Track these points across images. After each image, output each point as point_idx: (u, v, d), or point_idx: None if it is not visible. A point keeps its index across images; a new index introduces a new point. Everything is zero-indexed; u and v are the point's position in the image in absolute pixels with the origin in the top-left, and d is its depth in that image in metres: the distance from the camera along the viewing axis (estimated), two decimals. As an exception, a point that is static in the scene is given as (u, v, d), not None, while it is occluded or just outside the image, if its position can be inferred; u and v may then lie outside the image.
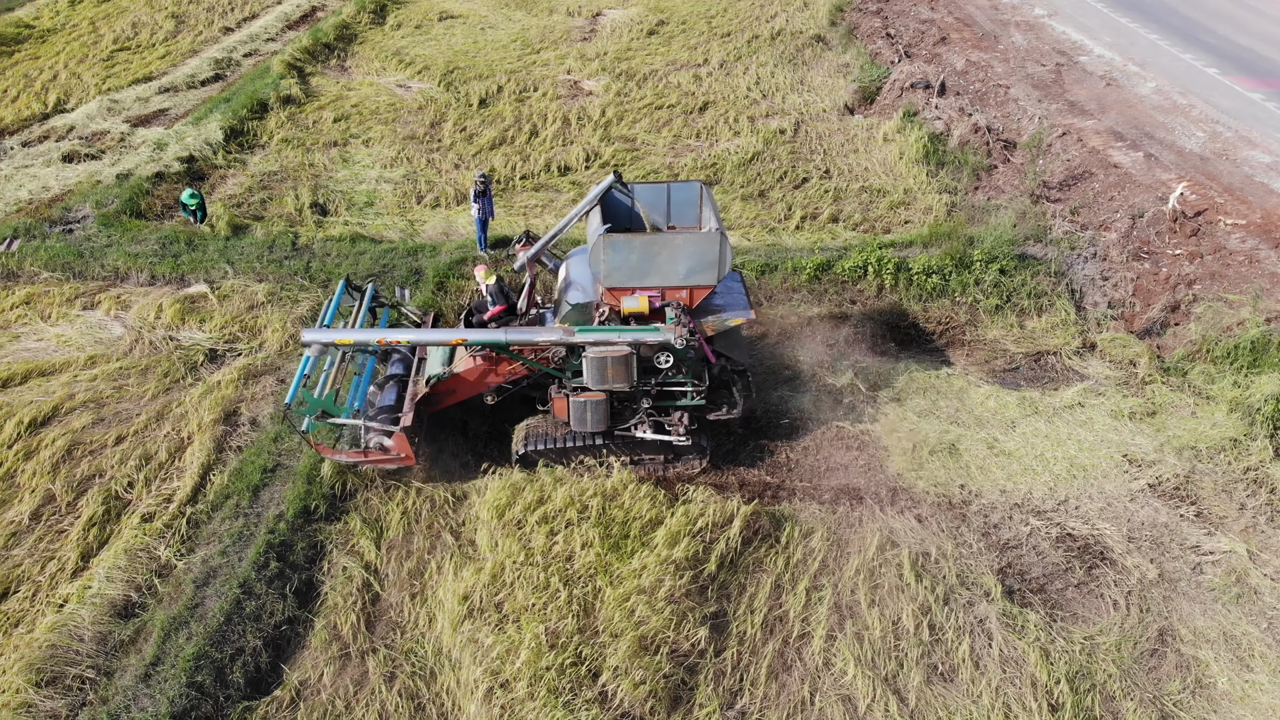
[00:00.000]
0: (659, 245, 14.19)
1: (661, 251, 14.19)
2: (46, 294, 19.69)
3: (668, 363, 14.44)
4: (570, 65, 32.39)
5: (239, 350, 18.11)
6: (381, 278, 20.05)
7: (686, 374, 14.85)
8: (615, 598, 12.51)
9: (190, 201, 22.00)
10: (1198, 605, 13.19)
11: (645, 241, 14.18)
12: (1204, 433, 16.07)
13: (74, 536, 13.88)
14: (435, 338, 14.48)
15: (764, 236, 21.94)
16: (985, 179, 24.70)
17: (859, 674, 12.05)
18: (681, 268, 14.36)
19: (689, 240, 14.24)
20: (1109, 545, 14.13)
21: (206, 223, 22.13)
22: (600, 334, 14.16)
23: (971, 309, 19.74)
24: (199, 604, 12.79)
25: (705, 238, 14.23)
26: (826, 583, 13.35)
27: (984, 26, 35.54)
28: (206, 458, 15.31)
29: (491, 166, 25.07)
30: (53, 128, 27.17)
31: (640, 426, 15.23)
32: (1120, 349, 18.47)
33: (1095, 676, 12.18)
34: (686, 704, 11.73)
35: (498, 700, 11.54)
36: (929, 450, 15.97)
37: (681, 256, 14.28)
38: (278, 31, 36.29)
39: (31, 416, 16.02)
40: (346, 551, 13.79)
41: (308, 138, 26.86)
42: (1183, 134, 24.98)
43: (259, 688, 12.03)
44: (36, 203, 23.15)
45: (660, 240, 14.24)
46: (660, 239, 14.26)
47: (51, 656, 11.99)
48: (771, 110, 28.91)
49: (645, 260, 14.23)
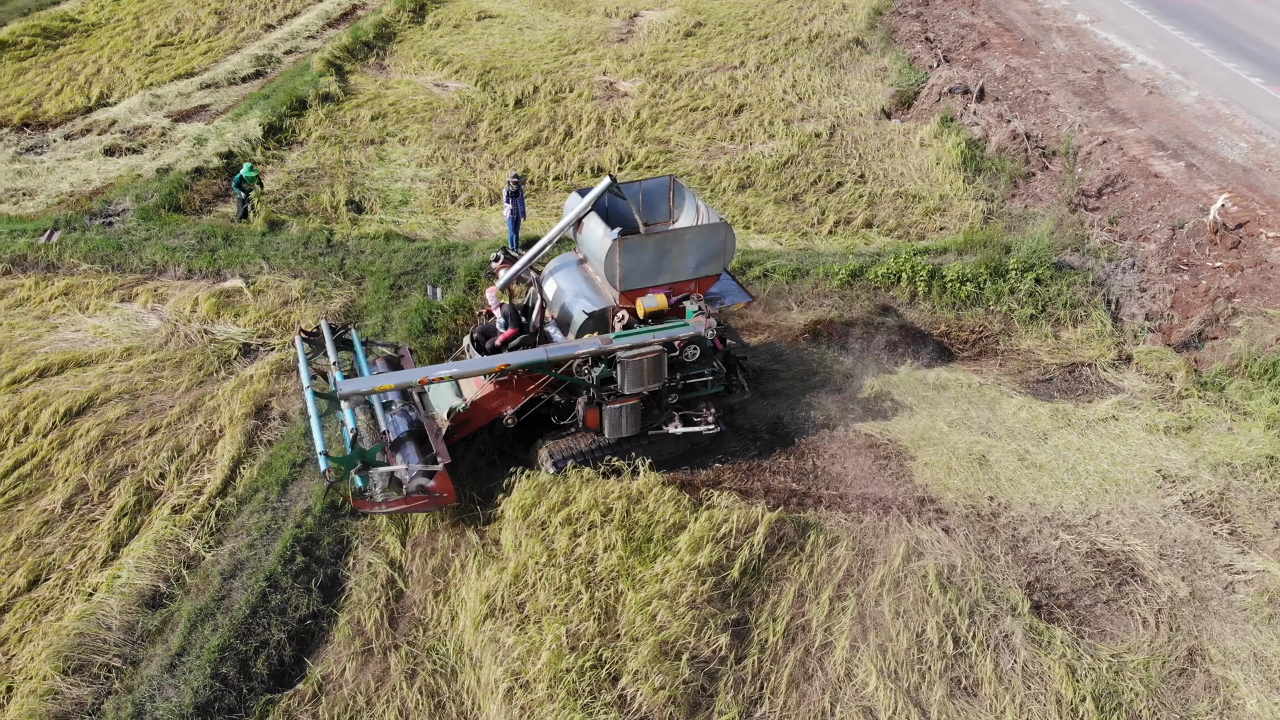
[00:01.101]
0: (670, 241, 14.39)
1: (674, 247, 14.39)
2: (85, 286, 19.98)
3: (695, 356, 14.60)
4: (606, 66, 32.43)
5: (272, 345, 18.28)
6: (414, 275, 20.18)
7: (704, 364, 15.00)
8: (637, 601, 12.49)
9: (249, 175, 22.23)
10: (1229, 625, 12.96)
11: (658, 240, 14.35)
12: (1240, 449, 15.81)
13: (105, 526, 14.07)
14: (477, 367, 13.96)
15: (796, 241, 21.84)
16: (1023, 186, 24.44)
17: (881, 686, 11.95)
18: (692, 261, 14.61)
19: (698, 233, 14.58)
20: (1140, 562, 13.92)
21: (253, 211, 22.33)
22: (636, 337, 14.21)
23: (1006, 318, 19.55)
24: (225, 596, 12.93)
25: (713, 228, 14.54)
26: (850, 592, 13.25)
27: (1025, 32, 35.18)
28: (237, 451, 15.46)
29: (525, 167, 25.15)
30: (95, 121, 27.59)
31: (672, 423, 15.28)
32: (1157, 362, 18.21)
33: (1122, 695, 12.00)
34: (706, 710, 11.70)
35: (518, 701, 11.56)
36: (958, 460, 15.82)
37: (691, 250, 14.51)
38: (318, 29, 36.61)
39: (67, 406, 16.26)
40: (372, 548, 13.87)
41: (345, 135, 27.08)
42: (1225, 144, 24.59)
43: (282, 680, 12.13)
44: (77, 195, 23.51)
45: (672, 236, 14.48)
46: (672, 235, 14.52)
47: (79, 644, 12.15)
48: (807, 113, 28.78)
49: (659, 258, 14.41)
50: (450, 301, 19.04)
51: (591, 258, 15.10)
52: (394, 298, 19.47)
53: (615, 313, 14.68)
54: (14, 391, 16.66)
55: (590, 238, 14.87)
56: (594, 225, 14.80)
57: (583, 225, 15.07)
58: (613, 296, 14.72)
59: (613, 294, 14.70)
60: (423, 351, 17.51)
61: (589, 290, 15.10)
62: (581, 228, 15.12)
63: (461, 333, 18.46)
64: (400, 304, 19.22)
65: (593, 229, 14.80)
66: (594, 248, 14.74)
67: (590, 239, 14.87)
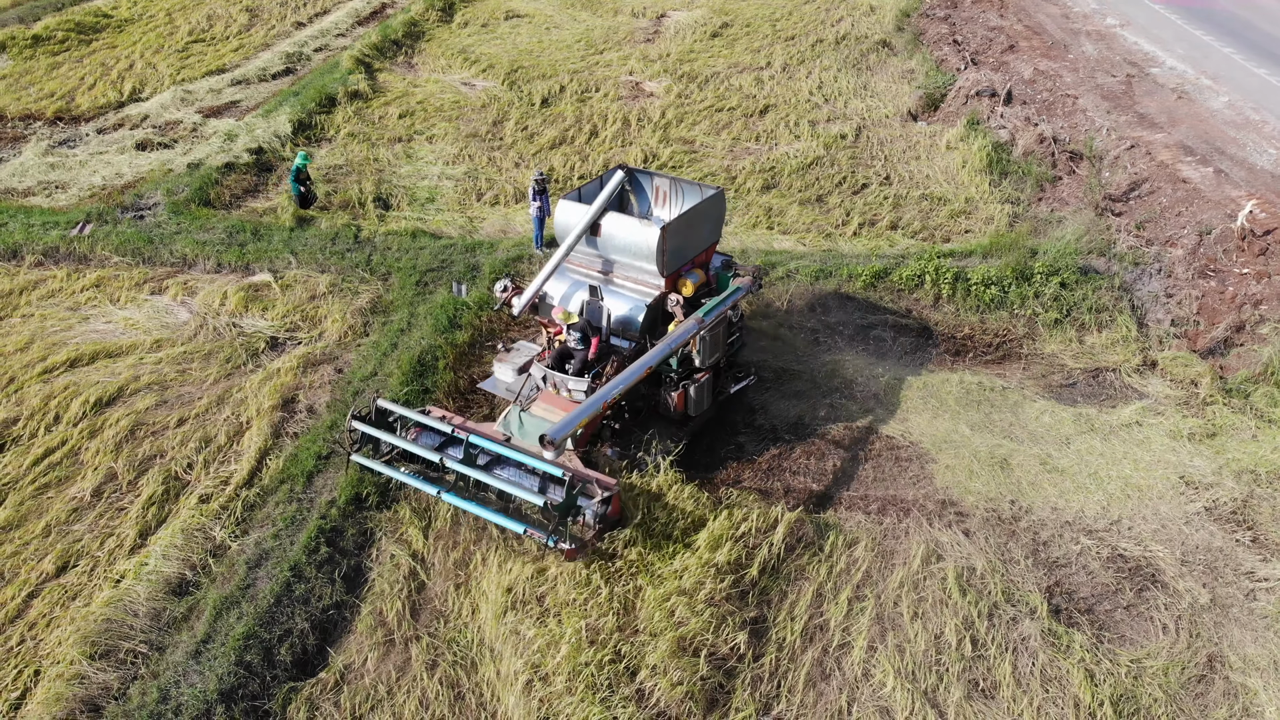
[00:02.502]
0: (691, 218, 15.33)
1: (694, 222, 15.35)
2: (116, 278, 20.28)
3: (739, 316, 15.60)
4: (633, 66, 32.53)
5: (299, 339, 18.49)
6: (440, 272, 20.35)
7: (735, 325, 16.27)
8: (656, 597, 12.57)
9: (303, 163, 22.56)
10: (1249, 632, 12.90)
11: (685, 220, 15.20)
12: (1264, 457, 15.72)
13: (133, 514, 14.29)
14: (640, 365, 13.86)
15: (820, 242, 21.86)
16: (1049, 190, 24.35)
17: (898, 686, 11.97)
18: (704, 231, 15.72)
19: (710, 204, 15.65)
20: (1161, 568, 13.87)
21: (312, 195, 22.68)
22: (716, 307, 15.02)
23: (1030, 322, 19.49)
24: (251, 585, 13.11)
25: (716, 198, 15.78)
26: (869, 593, 13.28)
27: (1054, 35, 35.01)
28: (264, 442, 15.66)
29: (551, 166, 25.29)
30: (127, 116, 27.97)
31: (731, 385, 16.45)
32: (1182, 368, 18.11)
33: (1140, 700, 11.97)
34: (723, 707, 11.76)
35: (537, 693, 11.67)
36: (980, 464, 15.81)
37: (702, 220, 15.59)
38: (348, 27, 36.92)
39: (97, 396, 16.52)
40: (395, 540, 14.01)
41: (373, 133, 27.31)
42: (1254, 150, 24.41)
43: (305, 669, 12.29)
44: (109, 189, 23.85)
45: (692, 213, 15.37)
46: (691, 212, 15.28)
47: (106, 630, 12.34)
48: (833, 115, 28.78)
49: (688, 237, 15.27)
50: (475, 298, 19.18)
51: (618, 252, 15.23)
52: (420, 294, 19.64)
53: (667, 297, 15.13)
54: (45, 381, 16.95)
55: (619, 234, 14.99)
56: (619, 222, 15.04)
57: (600, 228, 15.12)
58: (656, 285, 15.09)
59: (656, 282, 15.09)
60: (447, 347, 17.65)
61: (628, 286, 15.43)
62: (599, 230, 15.15)
63: (486, 330, 18.62)
64: (426, 300, 19.39)
65: (619, 226, 15.03)
66: (625, 241, 14.93)
67: (619, 235, 14.99)
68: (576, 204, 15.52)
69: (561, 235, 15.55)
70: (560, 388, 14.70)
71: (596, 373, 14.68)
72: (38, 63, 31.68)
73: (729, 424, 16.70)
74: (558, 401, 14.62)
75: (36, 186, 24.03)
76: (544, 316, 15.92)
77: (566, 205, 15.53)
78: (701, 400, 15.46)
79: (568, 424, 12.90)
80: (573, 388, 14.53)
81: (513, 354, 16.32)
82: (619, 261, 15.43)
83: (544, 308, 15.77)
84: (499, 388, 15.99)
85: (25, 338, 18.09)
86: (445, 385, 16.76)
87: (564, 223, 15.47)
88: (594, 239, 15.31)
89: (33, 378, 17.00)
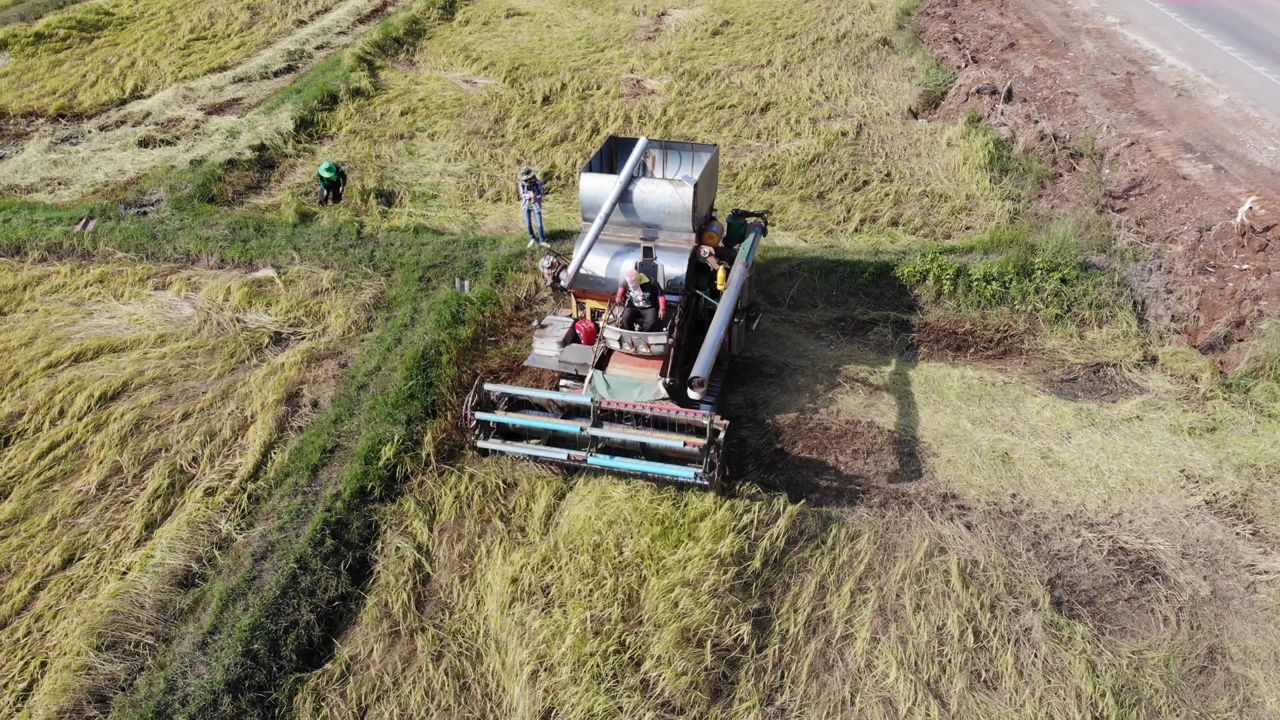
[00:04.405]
0: (707, 174, 16.76)
1: (708, 179, 16.84)
2: (120, 273, 20.33)
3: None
4: (634, 64, 32.58)
5: (303, 334, 18.55)
6: (443, 268, 20.41)
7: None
8: (660, 588, 12.65)
9: (327, 174, 22.67)
10: (1250, 624, 12.98)
11: (704, 177, 16.54)
12: (1264, 451, 15.80)
13: (139, 507, 14.36)
14: (729, 305, 15.42)
15: (821, 238, 21.92)
16: (1050, 187, 24.42)
17: (901, 677, 12.05)
18: (712, 186, 17.48)
19: (709, 158, 17.07)
20: (1162, 560, 13.95)
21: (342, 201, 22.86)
22: (751, 250, 16.71)
23: (1031, 318, 19.55)
24: (256, 577, 13.17)
25: (715, 155, 17.29)
26: (872, 585, 13.36)
27: (1054, 33, 35.09)
28: (268, 436, 15.72)
29: (553, 163, 25.34)
30: (129, 113, 28.00)
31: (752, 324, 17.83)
32: (1182, 363, 18.18)
33: (1142, 691, 12.05)
34: (727, 697, 11.84)
35: (542, 683, 11.74)
36: (981, 458, 15.88)
37: (711, 177, 17.17)
38: (349, 25, 36.95)
39: (102, 391, 16.59)
40: (400, 532, 14.09)
41: (375, 130, 27.36)
42: (1254, 147, 24.48)
43: (311, 660, 12.36)
44: (112, 185, 23.90)
45: (708, 170, 16.83)
46: (707, 169, 16.82)
47: (113, 621, 12.41)
48: (834, 112, 28.84)
49: (708, 191, 16.90)
50: (478, 294, 19.25)
51: (653, 215, 16.28)
52: (423, 290, 19.70)
53: (697, 251, 16.37)
54: (50, 375, 17.01)
55: (652, 196, 16.11)
56: (650, 186, 16.18)
57: (629, 195, 16.21)
58: (689, 241, 16.32)
59: (688, 238, 16.30)
60: (451, 343, 17.71)
61: (667, 245, 16.42)
62: (628, 197, 16.22)
63: (489, 325, 18.68)
64: (429, 296, 19.45)
65: (651, 189, 16.13)
66: (660, 204, 16.07)
67: (653, 197, 16.10)
68: (597, 175, 16.50)
69: (588, 207, 16.41)
70: (639, 344, 15.51)
71: (670, 327, 15.68)
72: (39, 60, 31.72)
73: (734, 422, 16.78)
74: (631, 360, 15.61)
75: (39, 183, 24.08)
76: (580, 288, 16.71)
77: (589, 177, 16.45)
78: (742, 339, 17.27)
79: (706, 363, 14.32)
80: (653, 342, 15.43)
81: (549, 328, 16.92)
82: (651, 224, 16.39)
83: (581, 279, 16.47)
84: (546, 363, 16.58)
85: (29, 332, 18.15)
86: (449, 380, 16.80)
87: (590, 194, 16.36)
88: (625, 205, 16.27)
89: (37, 372, 17.06)
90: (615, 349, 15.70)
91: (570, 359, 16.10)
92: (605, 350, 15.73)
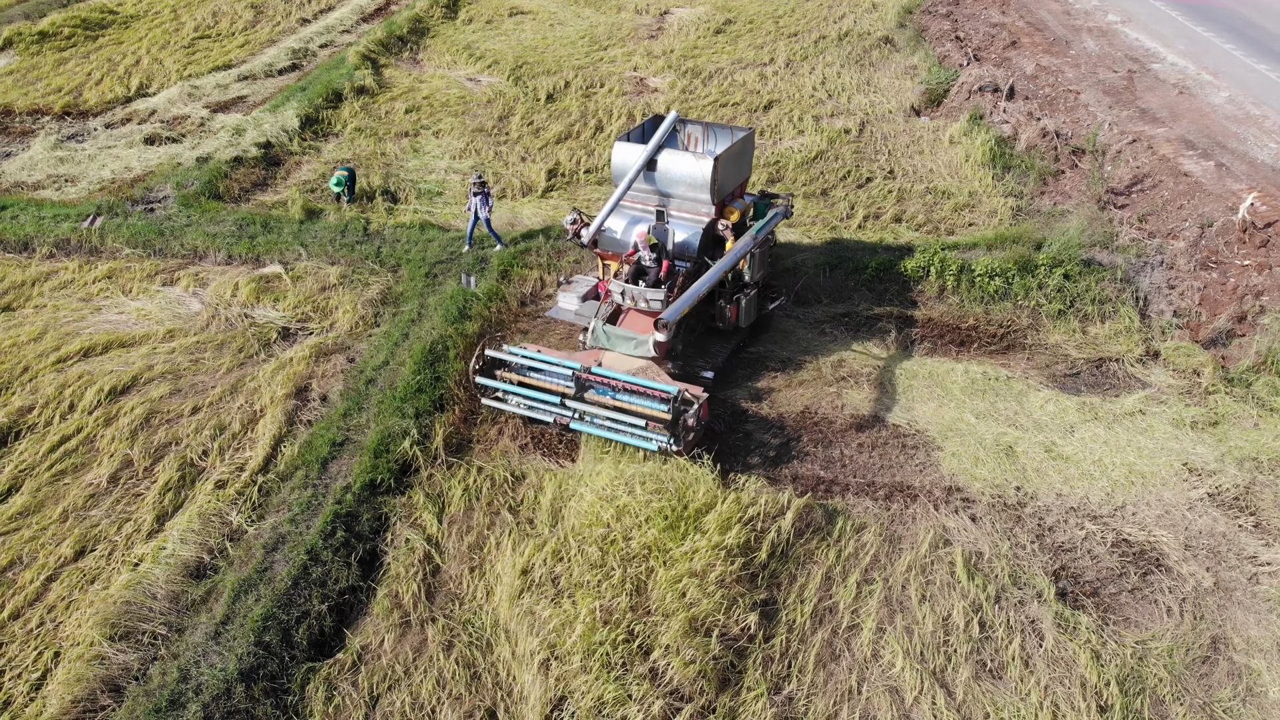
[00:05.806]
0: (734, 153, 17.23)
1: (735, 158, 17.33)
2: (128, 269, 20.45)
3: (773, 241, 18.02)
4: (637, 62, 32.70)
5: (310, 329, 18.67)
6: (449, 264, 20.53)
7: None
8: (667, 579, 12.76)
9: (337, 188, 22.85)
10: (1252, 615, 13.09)
11: (730, 155, 17.05)
12: (1266, 444, 15.91)
13: (150, 500, 14.47)
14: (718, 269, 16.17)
15: (825, 235, 22.02)
16: (1052, 184, 24.53)
17: (907, 667, 12.16)
18: (742, 166, 18.03)
19: (746, 141, 17.79)
20: (1165, 552, 14.05)
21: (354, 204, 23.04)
22: (764, 227, 17.42)
23: (1034, 313, 19.66)
24: (268, 568, 13.28)
25: (749, 137, 17.88)
26: (878, 577, 13.47)
27: (1055, 32, 35.20)
28: (278, 430, 15.84)
29: (557, 160, 25.46)
30: (135, 111, 28.14)
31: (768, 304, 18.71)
32: (1184, 358, 18.30)
33: (1146, 680, 12.16)
34: (735, 686, 11.94)
35: (553, 672, 11.85)
36: (985, 451, 15.99)
37: (740, 156, 17.72)
38: (353, 23, 37.09)
39: (112, 385, 16.70)
40: (409, 524, 14.20)
41: (380, 128, 27.48)
42: (1255, 144, 24.61)
43: (323, 650, 12.47)
44: (119, 182, 24.02)
45: (734, 149, 17.31)
46: (734, 148, 17.32)
47: (126, 612, 12.52)
48: (837, 110, 28.96)
49: (731, 171, 17.23)
50: (484, 290, 19.37)
51: (674, 185, 17.11)
52: (429, 285, 19.82)
53: (715, 224, 17.14)
54: (59, 370, 17.13)
55: (675, 167, 16.93)
56: (674, 157, 17.00)
57: (656, 164, 17.02)
58: (707, 212, 17.07)
59: (707, 210, 17.06)
60: (458, 337, 17.82)
61: (685, 216, 17.27)
62: (655, 166, 17.04)
63: (494, 320, 18.80)
64: (435, 291, 19.56)
65: (675, 160, 16.96)
66: (681, 174, 16.88)
67: (676, 168, 16.93)
68: (630, 144, 17.52)
69: (618, 173, 17.37)
70: (639, 299, 16.46)
71: (669, 286, 16.51)
72: (44, 59, 31.87)
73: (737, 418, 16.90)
74: (639, 322, 16.65)
75: (46, 180, 24.20)
76: (604, 249, 17.59)
77: (622, 146, 17.47)
78: (750, 312, 17.81)
79: (676, 308, 15.30)
80: (650, 297, 16.34)
81: (573, 285, 18.21)
82: (674, 194, 17.27)
83: (604, 240, 17.47)
84: (565, 315, 17.88)
85: (38, 328, 18.26)
86: (456, 374, 16.92)
87: (620, 162, 17.34)
88: (650, 174, 17.15)
89: (47, 367, 17.18)
90: (620, 303, 16.79)
91: (586, 313, 17.27)
92: (616, 308, 16.90)
